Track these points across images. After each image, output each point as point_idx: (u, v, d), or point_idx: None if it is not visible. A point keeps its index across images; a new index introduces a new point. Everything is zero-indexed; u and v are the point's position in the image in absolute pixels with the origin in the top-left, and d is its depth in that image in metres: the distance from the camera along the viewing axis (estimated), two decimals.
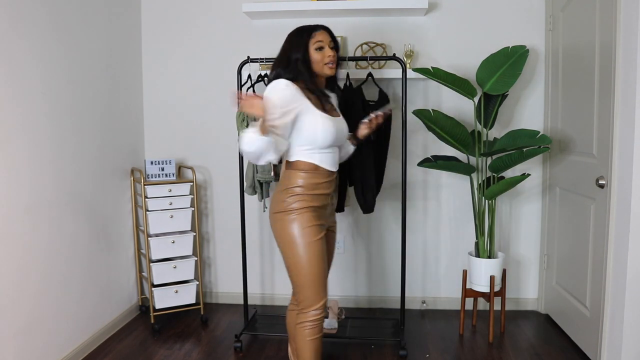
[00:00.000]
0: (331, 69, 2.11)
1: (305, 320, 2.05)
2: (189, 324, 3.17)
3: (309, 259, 2.01)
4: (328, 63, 2.09)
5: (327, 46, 2.09)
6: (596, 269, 2.48)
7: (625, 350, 2.24)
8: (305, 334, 2.05)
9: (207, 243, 3.49)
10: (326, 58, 2.09)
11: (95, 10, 2.84)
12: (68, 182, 2.60)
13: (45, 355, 2.41)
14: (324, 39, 2.09)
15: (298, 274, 2.03)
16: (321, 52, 2.08)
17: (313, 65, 2.09)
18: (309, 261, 2.01)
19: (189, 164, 3.40)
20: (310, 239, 2.00)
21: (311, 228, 2.01)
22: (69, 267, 2.60)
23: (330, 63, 2.10)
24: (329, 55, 2.09)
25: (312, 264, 2.01)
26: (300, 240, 2.01)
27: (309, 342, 2.05)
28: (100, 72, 2.90)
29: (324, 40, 2.09)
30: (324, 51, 2.09)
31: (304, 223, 2.01)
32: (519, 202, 3.27)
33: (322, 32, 2.10)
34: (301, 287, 2.03)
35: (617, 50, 2.26)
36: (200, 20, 3.32)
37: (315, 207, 2.05)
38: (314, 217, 2.03)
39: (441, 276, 3.37)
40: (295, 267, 2.03)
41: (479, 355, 2.73)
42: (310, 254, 2.01)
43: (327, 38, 2.10)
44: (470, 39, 3.16)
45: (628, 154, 2.19)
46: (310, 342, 2.05)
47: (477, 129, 2.91)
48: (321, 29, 2.11)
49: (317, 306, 2.04)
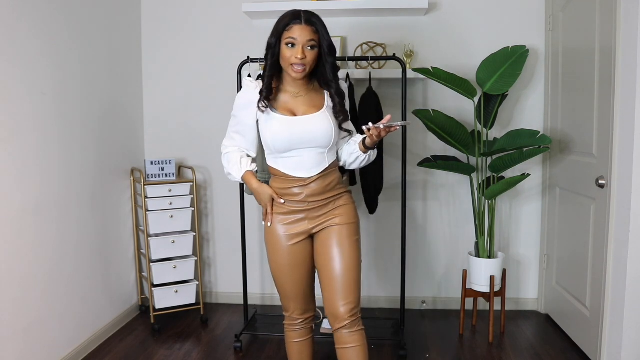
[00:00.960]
0: (296, 72, 1.84)
1: (284, 322, 2.10)
2: (189, 324, 3.17)
3: (275, 268, 1.99)
4: (293, 64, 1.83)
5: (301, 45, 1.81)
6: (596, 269, 2.48)
7: (625, 350, 2.24)
8: (285, 335, 2.11)
9: (207, 243, 3.49)
10: (293, 58, 1.82)
11: (95, 10, 2.84)
12: (68, 182, 2.60)
13: (45, 355, 2.41)
14: (300, 35, 1.81)
15: (272, 277, 2.05)
16: (292, 49, 1.83)
17: (281, 60, 1.87)
18: (276, 270, 2.00)
19: (189, 164, 3.40)
20: (276, 246, 1.96)
21: (279, 236, 1.96)
22: (68, 267, 2.60)
23: (296, 65, 1.83)
24: (297, 56, 1.81)
25: (278, 274, 1.99)
26: (269, 246, 2.00)
27: (288, 343, 2.11)
28: (100, 72, 2.90)
29: (300, 37, 1.81)
30: (294, 49, 1.82)
31: (272, 230, 1.98)
32: (519, 202, 3.27)
33: (300, 27, 1.82)
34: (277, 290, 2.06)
35: (617, 50, 2.25)
36: (200, 20, 3.32)
37: (286, 214, 1.95)
38: (283, 225, 1.95)
39: (441, 276, 3.37)
40: (271, 271, 2.03)
41: (479, 355, 2.73)
42: (276, 262, 1.98)
43: (306, 35, 1.82)
44: (470, 39, 3.16)
45: (628, 154, 2.19)
46: (288, 344, 2.10)
47: (477, 129, 2.91)
48: (302, 22, 1.83)
49: (287, 314, 2.06)
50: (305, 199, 1.92)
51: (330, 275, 1.89)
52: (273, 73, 1.91)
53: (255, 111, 1.93)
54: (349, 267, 1.89)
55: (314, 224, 1.95)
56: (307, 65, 1.85)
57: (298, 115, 1.91)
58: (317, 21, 1.86)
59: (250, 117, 1.95)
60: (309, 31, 1.83)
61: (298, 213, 1.94)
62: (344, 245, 1.91)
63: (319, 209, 1.95)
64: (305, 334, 2.08)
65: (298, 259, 1.96)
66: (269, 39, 1.89)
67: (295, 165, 1.91)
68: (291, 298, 2.01)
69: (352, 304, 1.87)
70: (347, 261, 1.89)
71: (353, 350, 1.85)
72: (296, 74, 1.85)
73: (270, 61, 1.89)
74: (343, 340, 1.86)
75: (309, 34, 1.83)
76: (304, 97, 1.94)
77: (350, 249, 1.91)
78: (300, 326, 2.06)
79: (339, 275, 1.87)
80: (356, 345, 1.85)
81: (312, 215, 1.95)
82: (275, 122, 1.89)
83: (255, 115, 1.94)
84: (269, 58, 1.90)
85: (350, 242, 1.92)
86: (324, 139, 1.90)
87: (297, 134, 1.87)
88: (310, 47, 1.83)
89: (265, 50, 1.91)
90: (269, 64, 1.90)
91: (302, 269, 1.97)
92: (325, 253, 1.92)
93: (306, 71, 1.86)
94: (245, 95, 1.96)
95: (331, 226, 1.94)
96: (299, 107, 1.93)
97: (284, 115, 1.90)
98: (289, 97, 1.93)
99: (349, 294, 1.87)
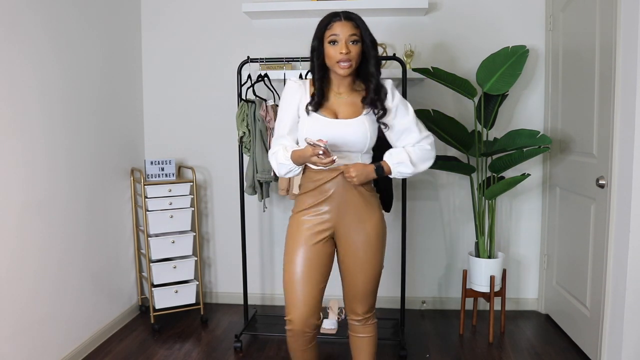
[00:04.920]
0: (343, 69, 1.84)
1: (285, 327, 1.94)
2: (189, 324, 3.17)
3: (287, 262, 1.92)
4: (340, 61, 1.84)
5: (344, 41, 1.82)
6: (596, 269, 2.48)
7: (625, 350, 2.24)
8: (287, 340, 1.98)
9: (207, 243, 3.49)
10: (338, 55, 1.83)
11: (95, 10, 2.84)
12: (68, 182, 2.60)
13: (45, 355, 2.41)
14: (342, 31, 1.82)
15: (283, 278, 1.94)
16: (335, 46, 1.84)
17: (327, 60, 1.88)
18: (287, 264, 1.92)
19: (189, 164, 3.40)
20: (297, 243, 1.90)
21: (303, 229, 1.91)
22: (68, 267, 2.60)
23: (342, 61, 1.83)
24: (342, 52, 1.82)
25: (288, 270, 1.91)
26: (290, 240, 1.95)
27: (290, 349, 1.99)
28: (100, 72, 2.90)
29: (341, 33, 1.82)
30: (337, 46, 1.83)
31: (293, 225, 1.95)
32: (519, 202, 3.27)
33: (341, 24, 1.84)
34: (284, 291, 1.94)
35: (617, 50, 2.25)
36: (200, 20, 3.32)
37: (314, 206, 1.93)
38: (309, 217, 1.93)
39: (441, 276, 3.37)
40: (284, 270, 1.95)
41: (479, 355, 2.73)
42: (292, 261, 1.89)
43: (347, 31, 1.83)
44: (470, 39, 3.16)
45: (628, 154, 2.19)
46: (290, 350, 1.99)
47: (477, 129, 2.91)
48: (341, 19, 1.85)
49: (287, 317, 1.91)
50: (335, 193, 1.91)
51: (353, 283, 1.99)
52: (322, 75, 1.92)
53: (297, 110, 1.94)
54: (371, 278, 1.99)
55: (342, 224, 1.94)
56: (352, 60, 1.85)
57: (339, 116, 1.92)
58: (356, 17, 1.88)
59: (293, 116, 1.95)
60: (349, 26, 1.84)
61: (325, 205, 1.92)
62: (368, 257, 1.96)
63: (346, 209, 1.93)
64: (308, 342, 1.96)
65: (316, 263, 1.90)
66: (312, 42, 1.91)
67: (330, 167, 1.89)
68: (298, 301, 1.88)
69: (368, 306, 2.03)
70: (370, 273, 1.98)
71: (364, 339, 2.05)
72: (343, 71, 1.85)
73: (317, 63, 1.91)
74: (356, 329, 2.06)
75: (350, 28, 1.84)
76: (347, 97, 1.94)
77: (375, 261, 1.98)
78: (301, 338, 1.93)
79: (361, 285, 1.98)
80: (368, 335, 2.05)
81: (341, 213, 1.93)
82: (313, 122, 1.90)
83: (297, 113, 1.95)
84: (315, 60, 1.91)
85: (376, 253, 1.98)
86: (358, 144, 1.91)
87: (331, 138, 1.86)
88: (352, 42, 1.84)
89: (310, 54, 1.93)
90: (316, 66, 1.91)
91: (317, 274, 1.91)
92: (351, 262, 1.97)
93: (352, 67, 1.86)
94: (287, 93, 1.97)
95: (360, 235, 1.94)
96: (340, 107, 1.93)
97: (324, 117, 1.90)
98: (332, 96, 1.93)
99: (368, 300, 2.02)
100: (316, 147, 1.75)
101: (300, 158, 1.86)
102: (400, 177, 2.02)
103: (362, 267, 1.95)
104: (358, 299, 2.00)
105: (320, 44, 1.88)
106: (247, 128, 2.82)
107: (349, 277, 1.98)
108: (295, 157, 1.88)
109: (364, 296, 1.99)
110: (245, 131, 2.83)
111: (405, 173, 1.97)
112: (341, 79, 1.92)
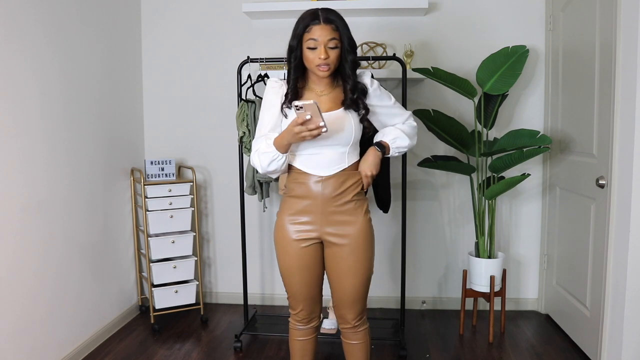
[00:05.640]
0: (322, 71, 1.84)
1: (289, 318, 2.10)
2: (189, 324, 3.17)
3: (284, 268, 1.98)
4: (319, 65, 1.82)
5: (323, 46, 1.80)
6: (596, 269, 2.48)
7: (625, 350, 2.24)
8: (290, 331, 2.12)
9: (207, 243, 3.49)
10: (317, 59, 1.82)
11: (95, 10, 2.84)
12: (68, 182, 2.60)
13: (45, 354, 2.41)
14: (321, 35, 1.79)
15: (281, 276, 2.03)
16: (314, 51, 1.82)
17: (305, 62, 1.87)
18: (285, 270, 1.98)
19: (189, 164, 3.40)
20: (286, 248, 1.94)
21: (289, 237, 1.93)
22: (68, 267, 2.60)
23: (321, 65, 1.82)
24: (320, 57, 1.80)
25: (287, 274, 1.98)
26: (278, 246, 1.98)
27: (291, 340, 2.12)
28: (100, 72, 2.90)
29: (320, 37, 1.80)
30: (317, 51, 1.81)
31: (281, 229, 1.96)
32: (519, 202, 3.27)
33: (320, 27, 1.80)
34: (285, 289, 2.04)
35: (617, 50, 2.25)
36: (200, 20, 3.32)
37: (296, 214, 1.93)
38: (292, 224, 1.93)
39: (441, 276, 3.37)
40: (280, 270, 2.02)
41: (479, 355, 2.73)
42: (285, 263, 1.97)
43: (326, 35, 1.80)
44: (470, 39, 3.16)
45: (628, 154, 2.19)
46: (291, 341, 2.11)
47: (477, 129, 2.91)
48: (320, 22, 1.81)
49: (293, 312, 2.06)
50: (318, 199, 1.89)
51: (340, 289, 1.97)
52: (297, 75, 1.91)
53: (279, 109, 1.93)
54: (360, 284, 1.95)
55: (326, 232, 1.91)
56: (331, 64, 1.84)
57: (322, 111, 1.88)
58: (335, 18, 1.84)
59: (274, 117, 1.94)
60: (328, 30, 1.81)
61: (309, 215, 1.91)
62: (356, 262, 1.92)
63: (332, 214, 1.90)
64: (309, 333, 2.09)
65: (307, 262, 1.94)
66: (290, 41, 1.88)
67: (314, 163, 1.90)
68: (299, 299, 2.00)
69: (358, 312, 2.01)
70: (358, 279, 1.94)
71: (355, 345, 2.06)
72: (322, 73, 1.85)
73: (294, 63, 1.89)
74: (348, 336, 2.06)
75: (329, 32, 1.81)
76: (328, 95, 1.93)
77: (362, 267, 1.94)
78: (305, 326, 2.07)
79: (349, 291, 1.95)
80: (359, 342, 2.05)
81: (325, 221, 1.91)
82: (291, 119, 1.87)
83: (279, 115, 1.93)
84: (292, 60, 1.89)
85: (363, 258, 1.93)
86: (344, 137, 1.88)
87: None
88: (332, 46, 1.82)
89: (287, 53, 1.91)
90: (293, 66, 1.90)
91: (311, 271, 1.96)
92: (337, 268, 1.94)
93: (331, 69, 1.86)
94: (267, 97, 1.96)
95: (344, 240, 1.91)
96: (323, 105, 1.90)
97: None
98: (314, 95, 1.92)
99: (356, 306, 1.99)
100: (302, 114, 1.71)
101: (283, 139, 1.82)
102: (398, 154, 2.02)
103: (349, 272, 1.92)
104: (347, 306, 1.97)
105: (298, 45, 1.86)
106: (247, 128, 2.82)
107: (336, 284, 1.96)
108: (278, 140, 1.84)
109: (352, 302, 1.96)
110: (245, 131, 2.83)
111: (402, 147, 2.00)
112: (321, 78, 1.91)
